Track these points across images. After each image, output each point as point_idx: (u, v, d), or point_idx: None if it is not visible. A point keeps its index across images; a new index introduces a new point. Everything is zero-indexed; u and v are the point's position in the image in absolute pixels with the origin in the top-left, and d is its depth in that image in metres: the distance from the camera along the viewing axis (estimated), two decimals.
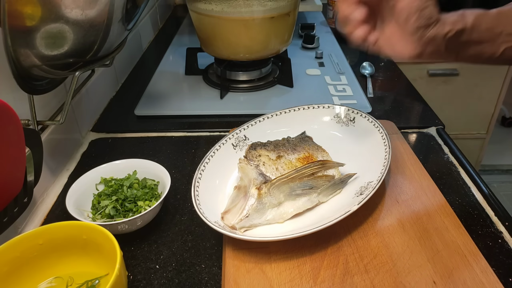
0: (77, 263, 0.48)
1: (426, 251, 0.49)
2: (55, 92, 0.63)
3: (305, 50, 1.15)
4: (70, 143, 0.73)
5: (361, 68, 1.03)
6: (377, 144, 0.60)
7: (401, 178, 0.61)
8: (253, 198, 0.51)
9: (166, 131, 0.79)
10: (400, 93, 0.93)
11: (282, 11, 0.83)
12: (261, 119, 0.68)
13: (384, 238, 0.51)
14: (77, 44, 0.52)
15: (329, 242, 0.50)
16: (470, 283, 0.45)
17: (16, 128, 0.43)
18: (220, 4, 0.80)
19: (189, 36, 1.28)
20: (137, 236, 0.55)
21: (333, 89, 0.92)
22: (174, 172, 0.67)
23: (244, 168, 0.55)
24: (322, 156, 0.60)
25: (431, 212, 0.54)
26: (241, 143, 0.64)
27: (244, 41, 0.85)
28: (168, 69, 1.04)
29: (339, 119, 0.68)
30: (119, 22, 0.58)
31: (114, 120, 0.85)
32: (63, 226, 0.46)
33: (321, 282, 0.45)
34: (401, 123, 0.78)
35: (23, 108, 0.56)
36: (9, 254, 0.44)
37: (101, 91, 0.87)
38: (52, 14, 0.46)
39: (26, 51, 0.47)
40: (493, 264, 0.48)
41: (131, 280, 0.50)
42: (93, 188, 0.59)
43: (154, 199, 0.57)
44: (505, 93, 1.54)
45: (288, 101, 0.88)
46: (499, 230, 0.55)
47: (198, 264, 0.52)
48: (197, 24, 0.89)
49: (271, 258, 0.48)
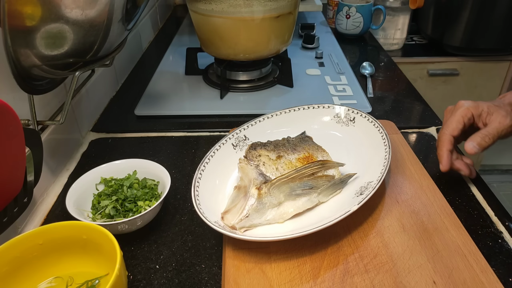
0: (77, 263, 0.48)
1: (426, 251, 0.49)
2: (55, 92, 0.63)
3: (305, 50, 1.15)
4: (70, 143, 0.73)
5: (361, 68, 1.03)
6: (377, 144, 0.60)
7: (401, 178, 0.61)
8: (253, 198, 0.51)
9: (166, 131, 0.79)
10: (400, 93, 0.93)
11: (282, 11, 0.83)
12: (261, 119, 0.68)
13: (384, 238, 0.51)
14: (77, 44, 0.52)
15: (329, 242, 0.50)
16: (470, 283, 0.45)
17: (16, 128, 0.43)
18: (220, 4, 0.80)
19: (189, 36, 1.28)
20: (137, 236, 0.55)
21: (333, 89, 0.92)
22: (174, 172, 0.67)
23: (244, 168, 0.55)
24: (322, 156, 0.60)
25: (431, 212, 0.54)
26: (241, 143, 0.64)
27: (244, 41, 0.85)
28: (168, 69, 1.04)
29: (339, 119, 0.68)
30: (119, 22, 0.58)
31: (114, 120, 0.85)
32: (63, 226, 0.46)
33: (321, 282, 0.45)
34: (401, 123, 0.78)
35: (23, 108, 0.56)
36: (9, 254, 0.44)
37: (101, 91, 0.87)
38: (52, 14, 0.46)
39: (26, 51, 0.47)
40: (493, 264, 0.48)
41: (131, 280, 0.50)
42: (93, 188, 0.59)
43: (154, 199, 0.57)
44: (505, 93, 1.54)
45: (288, 101, 0.88)
46: (499, 230, 0.55)
47: (198, 264, 0.52)
48: (197, 24, 0.89)
49: (271, 258, 0.48)
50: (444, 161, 0.60)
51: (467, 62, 1.42)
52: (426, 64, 1.43)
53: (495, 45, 1.35)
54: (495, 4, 1.25)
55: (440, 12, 1.37)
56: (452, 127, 0.60)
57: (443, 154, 0.60)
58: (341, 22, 1.27)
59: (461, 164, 0.61)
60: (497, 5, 1.25)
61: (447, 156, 0.60)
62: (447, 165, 0.60)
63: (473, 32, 1.31)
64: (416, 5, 1.25)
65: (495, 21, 1.28)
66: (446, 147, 0.60)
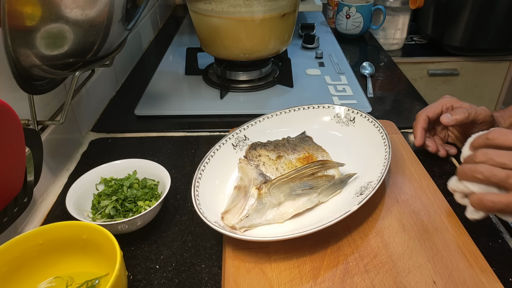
0: (77, 263, 0.48)
1: (426, 251, 0.49)
2: (55, 92, 0.63)
3: (305, 50, 1.15)
4: (70, 143, 0.73)
5: (361, 68, 1.03)
6: (377, 144, 0.60)
7: (401, 178, 0.61)
8: (253, 198, 0.51)
9: (166, 131, 0.79)
10: (400, 93, 0.93)
11: (282, 11, 0.83)
12: (261, 119, 0.68)
13: (384, 238, 0.51)
14: (77, 44, 0.52)
15: (329, 242, 0.50)
16: (470, 283, 0.45)
17: (16, 128, 0.43)
18: (220, 4, 0.80)
19: (189, 36, 1.28)
20: (137, 236, 0.55)
21: (333, 89, 0.92)
22: (174, 172, 0.67)
23: (244, 168, 0.55)
24: (322, 156, 0.60)
25: (431, 212, 0.54)
26: (241, 143, 0.64)
27: (244, 41, 0.85)
28: (168, 69, 1.04)
29: (339, 119, 0.68)
30: (119, 22, 0.58)
31: (114, 120, 0.84)
32: (63, 226, 0.46)
33: (321, 282, 0.45)
34: (401, 123, 0.78)
35: (23, 108, 0.56)
36: (9, 254, 0.44)
37: (101, 91, 0.87)
38: (52, 14, 0.46)
39: (26, 51, 0.47)
40: (493, 264, 0.48)
41: (131, 280, 0.50)
42: (93, 188, 0.59)
43: (154, 199, 0.57)
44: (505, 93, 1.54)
45: (288, 101, 0.88)
46: (499, 230, 0.55)
47: (198, 264, 0.52)
48: (197, 24, 0.89)
49: (271, 258, 0.48)
50: (418, 136, 0.66)
51: (467, 62, 1.42)
52: (426, 64, 1.43)
53: (495, 45, 1.35)
54: (495, 4, 1.25)
55: (440, 12, 1.37)
56: (429, 110, 0.67)
57: (417, 130, 0.67)
58: (341, 22, 1.27)
59: (431, 142, 0.68)
60: (497, 5, 1.25)
61: (420, 132, 0.66)
62: (420, 140, 0.66)
63: (473, 32, 1.31)
64: (416, 5, 1.25)
65: (495, 21, 1.28)
66: (420, 124, 0.67)
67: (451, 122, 0.63)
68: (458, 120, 0.62)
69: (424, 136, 0.66)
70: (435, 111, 0.66)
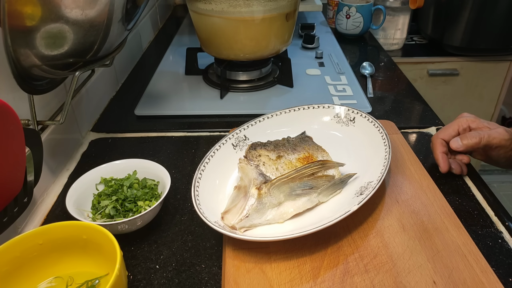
0: (77, 263, 0.48)
1: (426, 251, 0.49)
2: (55, 92, 0.63)
3: (305, 50, 1.15)
4: (70, 143, 0.73)
5: (361, 68, 1.03)
6: (377, 144, 0.60)
7: (401, 178, 0.61)
8: (253, 198, 0.51)
9: (166, 131, 0.79)
10: (400, 93, 0.93)
11: (282, 11, 0.83)
12: (261, 119, 0.68)
13: (384, 238, 0.51)
14: (77, 44, 0.52)
15: (329, 242, 0.50)
16: (470, 283, 0.45)
17: (16, 128, 0.43)
18: (220, 4, 0.80)
19: (189, 36, 1.28)
20: (137, 236, 0.55)
21: (333, 89, 0.92)
22: (174, 172, 0.67)
23: (244, 168, 0.55)
24: (322, 156, 0.60)
25: (431, 212, 0.54)
26: (241, 143, 0.64)
27: (244, 41, 0.85)
28: (168, 69, 1.04)
29: (339, 119, 0.68)
30: (119, 22, 0.58)
31: (114, 120, 0.85)
32: (63, 226, 0.46)
33: (321, 282, 0.45)
34: (401, 123, 0.78)
35: (23, 108, 0.56)
36: (9, 254, 0.44)
37: (101, 91, 0.87)
38: (52, 14, 0.46)
39: (26, 51, 0.47)
40: (493, 264, 0.48)
41: (131, 280, 0.50)
42: (93, 188, 0.59)
43: (154, 199, 0.57)
44: (505, 93, 1.54)
45: (288, 101, 0.88)
46: (499, 230, 0.55)
47: (198, 264, 0.52)
48: (197, 24, 0.89)
49: (271, 258, 0.48)
50: (442, 163, 0.63)
51: (467, 62, 1.42)
52: (426, 64, 1.43)
53: (495, 45, 1.35)
54: (495, 4, 1.25)
55: (440, 12, 1.37)
56: (445, 133, 0.64)
57: (438, 157, 0.64)
58: (341, 22, 1.27)
59: (455, 164, 0.64)
60: (497, 5, 1.25)
61: (442, 158, 0.63)
62: (445, 166, 0.63)
63: (473, 32, 1.31)
64: (416, 5, 1.25)
65: (495, 21, 1.28)
66: (439, 149, 0.64)
67: (461, 148, 0.61)
68: (468, 146, 0.60)
69: (447, 161, 0.63)
70: (451, 134, 0.64)
